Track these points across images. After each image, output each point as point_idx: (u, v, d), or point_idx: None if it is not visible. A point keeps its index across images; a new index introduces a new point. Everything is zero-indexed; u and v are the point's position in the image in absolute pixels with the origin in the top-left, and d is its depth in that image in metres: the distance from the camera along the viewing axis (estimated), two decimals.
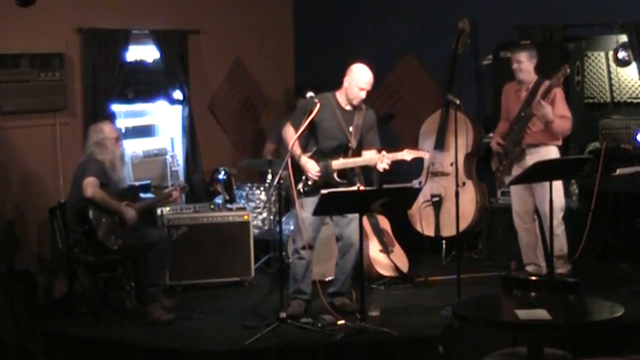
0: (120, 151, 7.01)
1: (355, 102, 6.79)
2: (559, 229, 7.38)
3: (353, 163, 6.85)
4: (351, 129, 6.82)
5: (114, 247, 6.76)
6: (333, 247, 7.26)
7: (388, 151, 6.82)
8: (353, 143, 6.85)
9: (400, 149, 6.79)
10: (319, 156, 6.81)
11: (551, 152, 7.41)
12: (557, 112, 7.30)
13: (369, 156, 6.85)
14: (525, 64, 7.40)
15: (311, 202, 6.64)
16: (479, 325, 5.97)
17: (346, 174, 6.86)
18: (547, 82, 7.33)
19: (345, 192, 6.46)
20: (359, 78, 6.75)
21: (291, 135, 6.79)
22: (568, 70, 7.24)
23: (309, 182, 6.75)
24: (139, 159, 8.28)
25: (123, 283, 7.20)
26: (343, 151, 6.84)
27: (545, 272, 7.44)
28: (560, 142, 7.47)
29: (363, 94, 6.77)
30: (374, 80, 6.81)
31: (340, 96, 6.85)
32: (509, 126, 7.58)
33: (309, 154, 6.81)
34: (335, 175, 6.80)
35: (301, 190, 6.76)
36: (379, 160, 6.75)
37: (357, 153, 6.89)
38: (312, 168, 6.74)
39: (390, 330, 6.39)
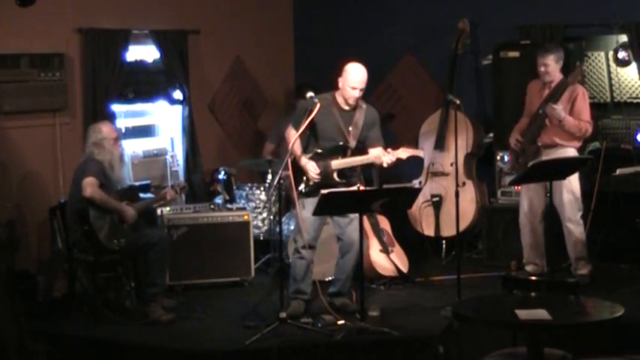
0: (118, 152, 6.99)
1: (350, 101, 6.78)
2: (578, 229, 7.39)
3: (352, 162, 6.85)
4: (350, 129, 6.82)
5: (114, 246, 6.76)
6: (334, 248, 7.24)
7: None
8: (351, 143, 6.84)
9: (396, 148, 6.80)
10: (319, 156, 6.81)
11: (569, 154, 7.36)
12: (576, 113, 7.29)
13: (375, 153, 6.84)
14: (552, 66, 7.36)
15: (311, 202, 6.64)
16: (479, 325, 5.97)
17: (345, 173, 6.87)
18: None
19: (345, 192, 6.45)
20: (351, 78, 6.73)
21: (292, 136, 6.81)
22: (584, 68, 7.21)
23: (310, 183, 6.76)
24: (139, 159, 8.28)
25: (123, 283, 7.19)
26: (342, 151, 6.84)
27: (546, 271, 7.44)
28: (578, 144, 7.42)
29: (357, 93, 6.75)
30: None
31: (339, 97, 6.84)
32: (528, 123, 7.55)
33: (309, 155, 6.82)
34: (335, 175, 6.82)
35: (302, 190, 6.77)
36: (384, 155, 6.75)
37: (358, 152, 6.89)
38: (312, 169, 6.75)
39: (390, 330, 6.39)
